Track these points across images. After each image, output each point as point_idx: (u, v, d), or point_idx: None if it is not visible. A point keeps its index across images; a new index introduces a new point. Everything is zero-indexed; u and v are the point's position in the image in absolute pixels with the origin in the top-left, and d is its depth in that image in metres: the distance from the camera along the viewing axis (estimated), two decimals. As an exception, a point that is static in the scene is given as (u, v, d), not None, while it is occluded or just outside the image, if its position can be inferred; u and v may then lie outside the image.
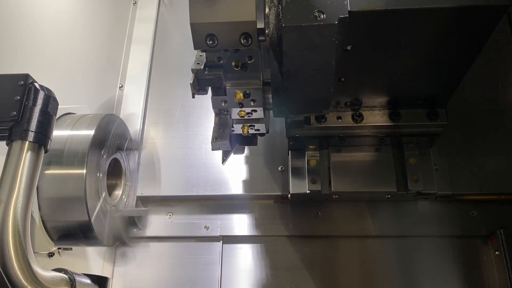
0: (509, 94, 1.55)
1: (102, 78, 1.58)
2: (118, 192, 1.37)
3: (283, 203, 1.53)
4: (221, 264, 1.49)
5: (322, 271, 1.46)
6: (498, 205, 1.46)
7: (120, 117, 1.46)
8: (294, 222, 1.51)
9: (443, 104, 1.30)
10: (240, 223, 1.53)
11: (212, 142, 1.13)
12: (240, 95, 1.07)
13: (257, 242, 1.52)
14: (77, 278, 0.99)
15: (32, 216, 1.03)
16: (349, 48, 1.06)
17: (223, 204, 1.56)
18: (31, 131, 0.89)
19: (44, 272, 0.90)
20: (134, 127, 1.59)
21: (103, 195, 1.21)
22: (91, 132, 1.16)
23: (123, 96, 1.69)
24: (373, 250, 1.47)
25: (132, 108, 1.66)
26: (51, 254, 1.18)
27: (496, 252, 1.41)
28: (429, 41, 1.07)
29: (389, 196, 1.43)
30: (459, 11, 0.97)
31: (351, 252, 1.48)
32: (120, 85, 1.69)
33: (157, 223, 1.55)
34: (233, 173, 1.56)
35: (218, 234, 1.52)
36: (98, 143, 1.19)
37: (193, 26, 0.93)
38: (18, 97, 0.89)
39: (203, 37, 0.94)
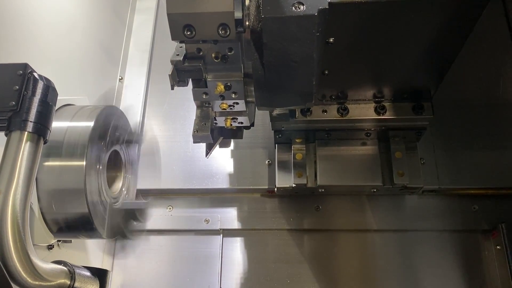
0: (507, 89, 1.54)
1: (102, 70, 1.56)
2: (118, 185, 1.36)
3: (284, 196, 1.53)
4: (221, 257, 1.49)
5: (322, 264, 1.46)
6: (499, 199, 1.46)
7: (120, 109, 1.45)
8: (295, 216, 1.51)
9: (429, 97, 1.28)
10: (240, 217, 1.52)
11: (194, 134, 1.12)
12: (221, 87, 1.04)
13: (257, 236, 1.51)
14: (77, 271, 0.99)
15: (31, 208, 1.02)
16: (331, 40, 1.04)
17: (223, 197, 1.56)
18: (30, 122, 0.88)
19: (44, 264, 0.89)
20: (134, 119, 1.57)
21: (103, 188, 1.20)
22: (91, 124, 1.15)
23: (123, 88, 1.67)
24: (374, 244, 1.47)
25: (132, 100, 1.65)
26: (50, 247, 1.17)
27: (497, 247, 1.40)
28: (412, 33, 1.04)
29: (374, 190, 1.42)
30: (442, 0, 0.95)
31: (352, 246, 1.47)
32: (120, 77, 1.67)
33: (157, 216, 1.54)
34: (231, 167, 1.55)
35: (218, 227, 1.51)
36: (98, 135, 1.18)
37: (170, 17, 0.91)
38: (17, 87, 0.88)
39: (180, 27, 0.93)
